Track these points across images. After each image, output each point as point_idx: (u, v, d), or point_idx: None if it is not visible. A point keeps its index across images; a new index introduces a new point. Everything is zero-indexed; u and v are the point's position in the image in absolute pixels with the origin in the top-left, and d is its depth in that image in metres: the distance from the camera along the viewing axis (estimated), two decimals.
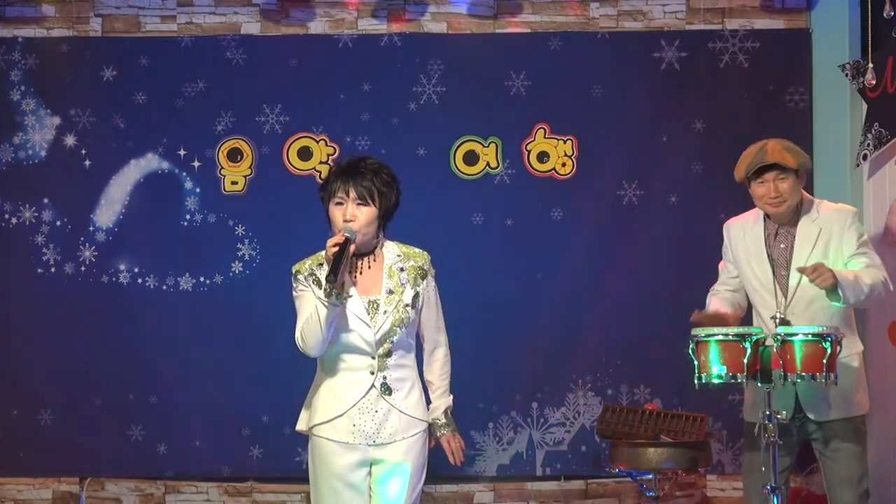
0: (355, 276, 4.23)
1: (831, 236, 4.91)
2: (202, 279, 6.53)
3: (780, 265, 4.95)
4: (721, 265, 5.23)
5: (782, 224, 4.97)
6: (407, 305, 4.23)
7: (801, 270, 4.68)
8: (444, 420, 4.34)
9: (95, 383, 6.50)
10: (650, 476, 5.76)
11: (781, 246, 4.95)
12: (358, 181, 4.18)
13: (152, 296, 6.51)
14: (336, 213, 4.20)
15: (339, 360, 4.22)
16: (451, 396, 4.39)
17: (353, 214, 4.17)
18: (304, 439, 4.37)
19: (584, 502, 6.51)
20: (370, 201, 4.18)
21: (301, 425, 4.32)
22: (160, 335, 6.48)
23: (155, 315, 6.49)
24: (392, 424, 4.21)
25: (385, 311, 4.20)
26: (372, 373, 4.20)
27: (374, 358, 4.20)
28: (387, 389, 4.20)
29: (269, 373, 6.34)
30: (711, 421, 6.09)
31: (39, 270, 6.53)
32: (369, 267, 4.26)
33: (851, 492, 4.89)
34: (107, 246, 6.54)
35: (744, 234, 5.06)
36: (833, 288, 4.65)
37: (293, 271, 4.27)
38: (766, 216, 5.01)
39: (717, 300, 5.12)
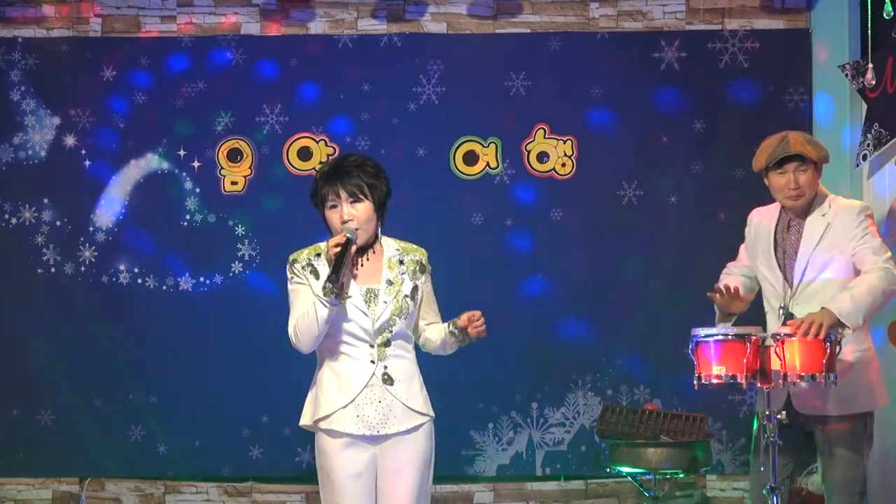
0: (355, 270, 4.23)
1: (838, 231, 4.88)
2: (202, 279, 6.53)
3: (788, 256, 4.95)
4: (741, 248, 5.23)
5: (795, 216, 4.97)
6: (406, 296, 4.23)
7: (793, 331, 4.59)
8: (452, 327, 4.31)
9: (95, 383, 6.50)
10: (650, 476, 5.76)
11: (792, 238, 4.96)
12: (345, 180, 4.19)
13: (152, 296, 6.51)
14: (333, 217, 4.20)
15: (339, 351, 4.22)
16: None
17: (349, 214, 4.17)
18: (303, 439, 4.37)
19: (583, 502, 6.51)
20: (363, 196, 4.19)
21: (305, 419, 4.30)
22: (160, 335, 6.49)
23: (155, 315, 6.50)
24: (396, 416, 4.20)
25: (385, 301, 4.20)
26: (372, 362, 4.20)
27: (373, 347, 4.20)
28: (388, 379, 4.20)
29: (269, 372, 6.35)
30: (711, 421, 6.09)
31: (39, 270, 6.53)
32: (368, 259, 4.26)
33: (844, 497, 4.87)
34: (107, 246, 6.54)
35: (759, 224, 5.09)
36: (833, 327, 4.61)
37: (290, 259, 4.26)
38: (781, 207, 5.01)
39: (732, 278, 5.12)
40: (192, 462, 6.51)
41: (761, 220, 5.09)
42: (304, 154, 6.56)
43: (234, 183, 6.58)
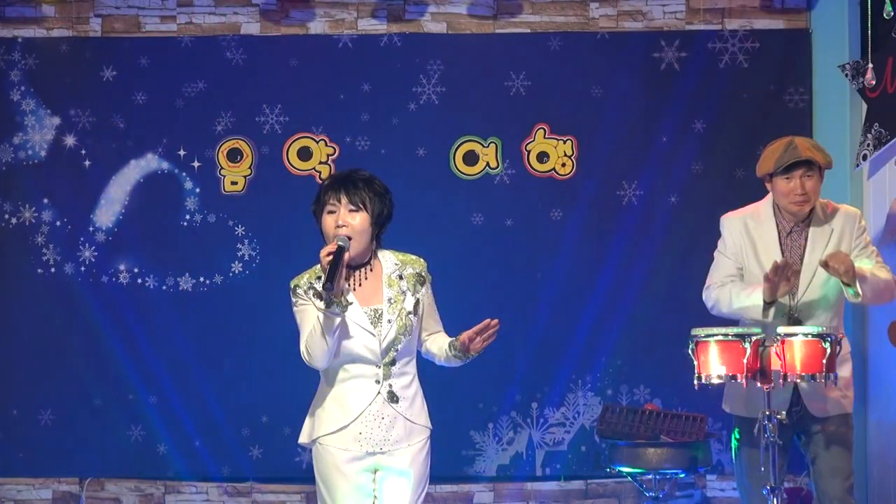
0: (354, 287, 4.22)
1: (842, 238, 4.93)
2: (202, 279, 6.53)
3: (793, 263, 4.93)
4: (717, 260, 5.12)
5: (797, 222, 4.96)
6: (409, 313, 4.22)
7: (825, 259, 4.72)
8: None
9: (95, 383, 6.50)
10: (650, 476, 5.76)
11: (794, 244, 4.95)
12: (349, 188, 4.18)
13: (152, 296, 6.51)
14: (328, 221, 4.18)
15: (343, 371, 4.21)
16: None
17: (345, 220, 4.16)
18: None
19: (583, 502, 6.51)
20: (363, 207, 4.17)
21: (304, 438, 4.30)
22: (160, 335, 6.49)
23: (155, 315, 6.50)
24: (398, 431, 4.20)
25: (389, 321, 4.19)
26: (377, 381, 4.19)
27: (379, 367, 4.19)
28: (393, 397, 4.20)
29: (269, 373, 6.35)
30: (711, 421, 6.09)
31: (39, 270, 6.53)
32: (366, 277, 4.24)
33: (841, 483, 4.91)
34: (107, 246, 6.54)
35: (749, 230, 5.02)
36: (851, 277, 4.69)
37: (291, 286, 4.25)
38: (776, 213, 4.99)
39: (740, 284, 5.01)
40: (192, 462, 6.51)
41: (752, 227, 5.01)
42: (304, 154, 6.56)
43: (234, 183, 6.58)
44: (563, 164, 6.54)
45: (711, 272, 5.13)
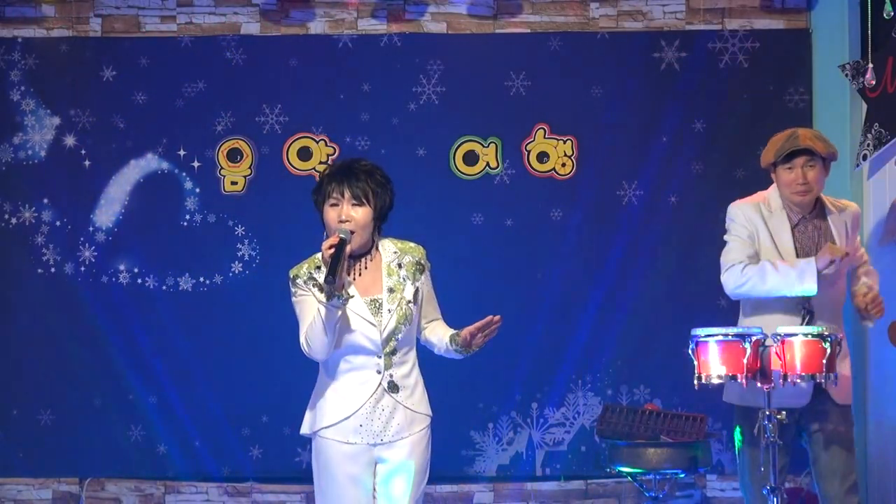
0: (354, 277, 4.23)
1: (848, 232, 5.02)
2: (202, 279, 6.53)
3: (807, 254, 4.94)
4: (733, 243, 5.02)
5: (805, 214, 4.98)
6: (409, 302, 4.23)
7: (866, 299, 4.91)
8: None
9: (95, 383, 6.50)
10: (650, 476, 5.76)
11: (807, 237, 4.97)
12: (353, 182, 4.19)
13: (152, 296, 6.51)
14: (331, 214, 4.20)
15: (344, 362, 4.21)
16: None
17: (348, 215, 4.17)
18: (303, 439, 4.36)
19: (583, 502, 6.51)
20: (365, 201, 4.18)
21: (305, 428, 4.30)
22: (160, 335, 6.49)
23: (155, 315, 6.50)
24: (398, 421, 4.21)
25: (389, 310, 4.20)
26: (378, 372, 4.20)
27: (380, 357, 4.19)
28: (393, 387, 4.21)
29: (269, 373, 6.35)
30: (711, 421, 6.09)
31: (39, 270, 6.53)
32: (366, 267, 4.25)
33: (840, 483, 4.92)
34: (107, 246, 6.54)
35: (765, 217, 5.02)
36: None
37: (291, 276, 4.25)
38: (784, 204, 5.00)
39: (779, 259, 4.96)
40: (192, 462, 6.51)
41: (765, 216, 5.00)
42: (304, 154, 6.56)
43: (234, 183, 6.58)
44: (563, 164, 6.53)
45: (728, 254, 5.02)
